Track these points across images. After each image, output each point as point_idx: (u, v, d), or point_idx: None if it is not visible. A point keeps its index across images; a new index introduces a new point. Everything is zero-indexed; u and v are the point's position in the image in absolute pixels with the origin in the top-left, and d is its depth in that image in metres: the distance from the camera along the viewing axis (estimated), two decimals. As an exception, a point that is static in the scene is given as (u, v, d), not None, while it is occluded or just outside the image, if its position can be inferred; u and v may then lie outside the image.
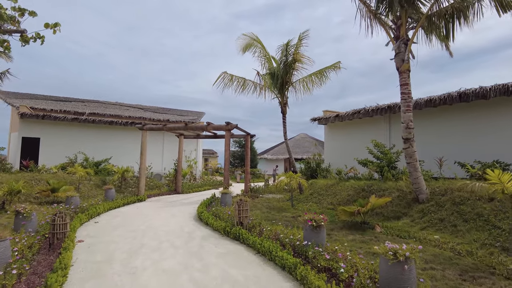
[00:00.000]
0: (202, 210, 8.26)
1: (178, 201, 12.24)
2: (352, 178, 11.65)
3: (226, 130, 11.96)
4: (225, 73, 12.31)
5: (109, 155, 17.93)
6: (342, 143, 16.14)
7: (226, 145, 11.99)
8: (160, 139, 20.77)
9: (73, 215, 7.72)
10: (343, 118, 15.36)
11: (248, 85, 12.63)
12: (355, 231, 7.19)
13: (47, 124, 17.77)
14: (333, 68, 11.88)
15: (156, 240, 6.11)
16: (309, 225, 5.12)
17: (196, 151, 22.01)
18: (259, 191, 15.54)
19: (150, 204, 11.31)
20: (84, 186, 14.40)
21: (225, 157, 12.01)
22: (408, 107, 8.50)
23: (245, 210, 6.31)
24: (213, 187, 19.46)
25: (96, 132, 18.97)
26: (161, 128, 12.75)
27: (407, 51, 8.62)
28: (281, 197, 13.67)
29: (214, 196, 11.76)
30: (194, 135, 16.72)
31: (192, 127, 12.51)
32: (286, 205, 11.09)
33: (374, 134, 14.48)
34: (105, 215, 8.71)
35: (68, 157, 16.73)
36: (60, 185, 10.78)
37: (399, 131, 14.19)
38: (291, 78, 12.29)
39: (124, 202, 10.79)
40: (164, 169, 20.57)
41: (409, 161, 8.45)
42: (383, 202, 7.64)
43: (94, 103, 25.96)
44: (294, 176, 10.11)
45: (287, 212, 9.60)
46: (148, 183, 17.34)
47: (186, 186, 17.13)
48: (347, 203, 9.78)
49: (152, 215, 8.82)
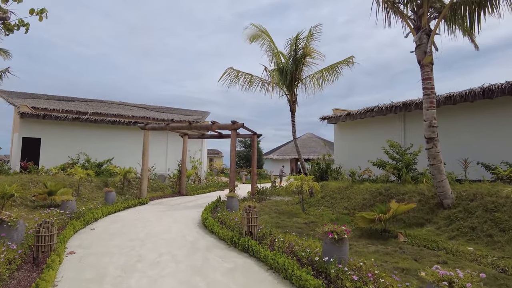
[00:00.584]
0: (206, 216, 7.62)
1: (181, 204, 11.63)
2: (367, 180, 10.93)
3: (232, 129, 11.32)
4: (231, 68, 11.66)
5: (111, 156, 17.40)
6: (353, 143, 15.40)
7: (232, 145, 11.35)
8: (163, 139, 20.20)
9: (67, 221, 7.14)
10: (354, 117, 14.62)
11: (255, 81, 11.97)
12: (376, 241, 6.49)
13: (48, 124, 17.30)
14: (346, 63, 11.16)
15: (156, 251, 5.48)
16: (329, 238, 4.44)
17: (201, 151, 21.41)
18: (266, 193, 14.88)
19: (152, 207, 10.72)
20: (84, 188, 13.87)
21: (231, 157, 11.37)
22: (431, 103, 7.77)
23: (255, 218, 5.65)
24: (219, 189, 18.84)
25: (99, 132, 18.46)
26: (164, 127, 12.16)
27: (430, 42, 7.88)
28: (290, 200, 12.99)
29: (219, 200, 11.12)
30: (198, 134, 16.11)
31: (196, 126, 11.89)
32: (296, 209, 10.41)
33: (387, 133, 13.73)
34: (103, 221, 8.11)
35: (70, 158, 16.23)
36: (57, 188, 10.23)
37: (415, 130, 13.47)
38: (301, 74, 11.60)
39: (125, 206, 10.20)
40: (168, 170, 20.00)
41: (432, 162, 7.72)
42: (407, 209, 6.93)
43: (97, 102, 25.52)
44: (305, 179, 9.43)
45: (298, 218, 8.92)
46: (151, 185, 16.78)
47: (191, 187, 16.53)
48: (363, 208, 9.07)
49: (153, 221, 8.20)
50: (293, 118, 11.98)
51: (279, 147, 43.62)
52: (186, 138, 15.47)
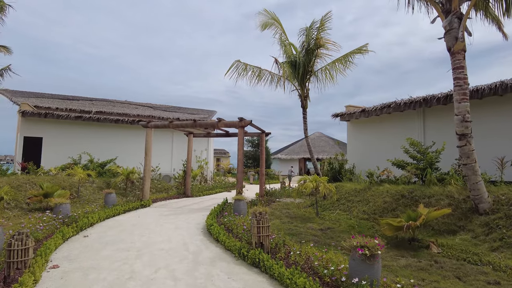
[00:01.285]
0: (211, 223, 6.85)
1: (186, 207, 10.91)
2: (386, 182, 10.05)
3: (239, 127, 10.56)
4: (239, 61, 10.90)
5: (115, 156, 16.81)
6: (368, 142, 14.50)
7: (239, 144, 10.59)
8: (169, 138, 19.57)
9: (59, 227, 6.46)
10: (369, 114, 13.72)
11: (264, 75, 11.18)
12: (405, 251, 5.65)
13: (49, 122, 16.79)
14: (360, 52, 10.27)
15: (152, 265, 4.74)
16: (359, 254, 3.64)
17: (207, 150, 20.72)
18: (275, 195, 14.09)
19: (154, 210, 10.02)
20: (86, 189, 13.27)
21: (238, 157, 10.61)
22: (464, 95, 6.88)
23: (266, 227, 4.87)
24: (225, 190, 18.11)
25: (102, 131, 17.90)
26: (167, 125, 11.47)
27: (462, 27, 6.99)
28: (301, 202, 12.17)
29: (226, 202, 10.37)
30: (204, 133, 15.40)
31: (201, 124, 11.17)
32: (309, 213, 9.60)
33: (405, 131, 12.82)
34: (98, 226, 7.43)
35: (72, 158, 15.68)
36: (54, 190, 9.61)
37: (436, 127, 12.50)
38: (313, 67, 10.77)
39: (125, 209, 9.52)
40: (173, 170, 19.36)
41: (465, 161, 6.83)
42: (439, 215, 6.07)
43: (101, 101, 25.04)
44: (321, 181, 8.61)
45: (313, 223, 8.10)
46: (155, 185, 16.13)
47: (196, 188, 15.83)
48: (384, 212, 8.21)
49: (153, 227, 7.48)
50: (304, 115, 11.16)
51: (286, 146, 42.77)
52: (191, 137, 14.78)
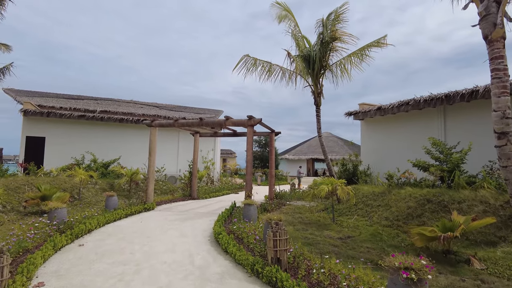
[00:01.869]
0: (220, 231, 6.19)
1: (191, 211, 10.28)
2: (407, 185, 9.28)
3: (248, 125, 9.90)
4: (247, 56, 10.23)
5: (119, 156, 16.30)
6: (384, 142, 13.71)
7: (249, 143, 9.92)
8: (174, 138, 19.01)
9: (52, 235, 5.87)
10: (385, 112, 12.93)
11: (275, 70, 10.49)
12: (441, 267, 4.91)
13: (52, 122, 16.36)
14: (378, 44, 9.51)
15: (152, 283, 4.09)
16: (404, 279, 2.93)
17: (213, 151, 20.10)
18: (285, 197, 13.39)
19: (157, 214, 9.41)
20: (88, 191, 12.74)
21: (247, 158, 9.94)
22: (504, 88, 6.10)
23: (284, 240, 4.18)
24: (233, 191, 17.46)
25: (106, 130, 17.41)
26: (173, 124, 10.86)
27: (501, 11, 6.22)
28: (313, 206, 11.46)
29: (234, 206, 9.71)
30: (211, 132, 14.77)
31: (208, 123, 10.53)
32: (323, 219, 8.88)
33: (424, 130, 12.03)
34: (97, 233, 6.82)
35: (74, 158, 15.20)
36: (52, 192, 9.07)
37: (458, 126, 11.66)
38: (328, 61, 10.04)
39: (127, 213, 8.93)
40: (179, 170, 18.79)
41: (505, 163, 6.05)
42: (482, 225, 5.31)
43: (106, 101, 24.63)
44: (338, 183, 7.90)
45: (330, 230, 7.39)
46: (160, 187, 15.57)
47: (203, 190, 15.22)
48: (409, 218, 7.46)
49: (156, 234, 6.85)
50: (318, 112, 10.44)
51: (294, 146, 41.97)
52: (197, 137, 14.16)
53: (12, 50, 18.78)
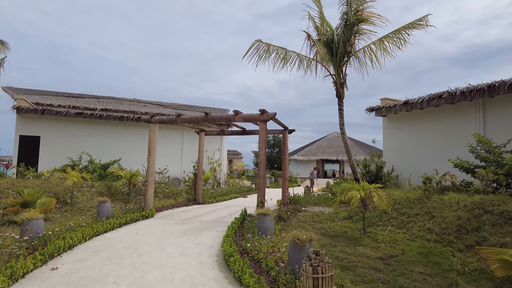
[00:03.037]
0: (230, 251, 4.87)
1: (196, 219, 9.01)
2: (449, 189, 7.88)
3: (261, 121, 8.61)
4: (259, 41, 8.95)
5: (119, 156, 15.14)
6: (410, 140, 12.29)
7: (261, 141, 8.62)
8: (178, 137, 17.79)
9: (20, 255, 4.63)
10: (412, 106, 11.54)
11: (291, 57, 9.19)
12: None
13: (48, 120, 15.26)
14: (418, 26, 8.11)
15: None
16: None
17: (220, 151, 18.83)
18: (300, 202, 12.04)
19: (157, 224, 8.15)
20: (82, 195, 11.56)
21: (260, 158, 8.64)
22: None
23: (329, 278, 2.86)
24: (241, 195, 16.17)
25: (105, 129, 16.27)
26: (175, 120, 9.61)
27: None
28: (333, 213, 10.12)
29: (245, 214, 8.40)
30: (217, 130, 13.51)
31: (215, 118, 9.26)
32: (351, 230, 7.53)
33: (459, 126, 10.64)
34: (80, 249, 5.58)
35: (70, 159, 14.06)
36: (35, 197, 7.87)
37: (500, 122, 10.25)
38: (354, 47, 8.71)
39: (121, 222, 7.68)
40: (183, 172, 17.56)
41: None
42: None
43: (108, 99, 23.53)
44: (372, 188, 6.55)
45: (364, 247, 6.04)
46: (163, 190, 14.35)
47: (208, 193, 13.96)
48: (462, 232, 6.07)
49: (151, 251, 5.58)
50: (340, 106, 9.10)
51: (303, 147, 40.55)
52: (202, 135, 12.91)
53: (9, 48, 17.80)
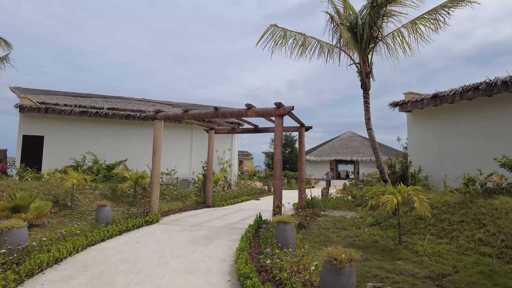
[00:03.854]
0: (247, 272, 3.92)
1: (205, 225, 8.14)
2: (498, 192, 6.79)
3: (277, 116, 7.68)
4: (275, 26, 8.02)
5: (126, 157, 14.44)
6: (440, 137, 11.15)
7: (277, 138, 7.69)
8: (187, 136, 17.00)
9: None
10: (442, 100, 10.42)
11: (310, 44, 8.23)
12: None
13: (52, 119, 14.69)
14: (458, 4, 7.02)
15: None
16: None
17: (230, 151, 17.97)
18: (318, 206, 11.05)
19: (161, 230, 7.30)
20: (85, 198, 10.85)
21: (276, 157, 7.71)
22: None
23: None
24: (253, 197, 15.26)
25: (112, 129, 15.62)
26: (182, 116, 8.77)
27: None
28: (356, 217, 9.13)
29: (260, 220, 7.48)
30: (228, 129, 12.65)
31: (225, 113, 8.38)
32: (382, 239, 6.53)
33: (500, 121, 9.48)
34: (69, 263, 4.75)
35: (74, 159, 13.42)
36: (28, 201, 7.12)
37: None
38: (381, 31, 7.70)
39: (121, 229, 6.86)
40: (193, 173, 16.77)
41: None
42: None
43: (116, 99, 23.01)
44: (410, 191, 5.54)
45: (404, 261, 5.04)
46: (171, 192, 13.57)
47: (219, 196, 13.09)
48: (525, 245, 5.00)
49: (152, 266, 4.71)
50: (366, 98, 8.09)
51: (315, 147, 39.41)
52: (212, 134, 12.05)
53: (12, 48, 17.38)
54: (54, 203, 9.65)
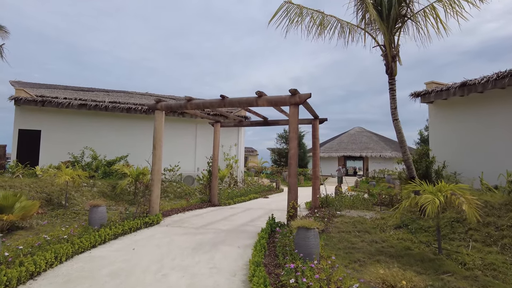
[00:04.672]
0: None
1: (211, 227, 7.30)
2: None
3: (292, 104, 6.79)
4: (289, 2, 7.10)
5: (127, 152, 13.67)
6: (468, 130, 10.18)
7: (292, 130, 6.80)
8: (191, 130, 16.18)
9: None
10: (471, 89, 9.45)
11: (330, 23, 7.31)
12: None
13: (49, 112, 13.95)
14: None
15: None
16: None
17: (237, 146, 17.10)
18: (333, 205, 10.16)
19: (162, 234, 6.49)
20: (82, 196, 10.10)
21: (291, 152, 6.82)
22: None
23: None
24: (261, 195, 14.41)
25: (112, 123, 14.84)
26: (184, 106, 7.90)
27: None
28: (377, 218, 8.25)
29: (272, 223, 6.61)
30: (235, 122, 11.79)
31: (233, 103, 7.49)
32: (414, 244, 5.64)
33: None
34: (45, 280, 3.94)
35: (72, 154, 12.67)
36: (12, 201, 6.34)
37: None
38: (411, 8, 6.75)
39: (116, 232, 6.06)
40: (197, 169, 15.96)
41: None
42: None
43: (118, 93, 22.25)
44: (455, 190, 4.64)
45: (450, 275, 4.14)
46: (174, 190, 12.78)
47: (225, 194, 12.26)
48: None
49: (147, 282, 3.89)
50: (392, 85, 7.14)
51: (323, 143, 38.35)
52: (218, 127, 11.20)
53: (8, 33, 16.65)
54: (47, 202, 8.91)
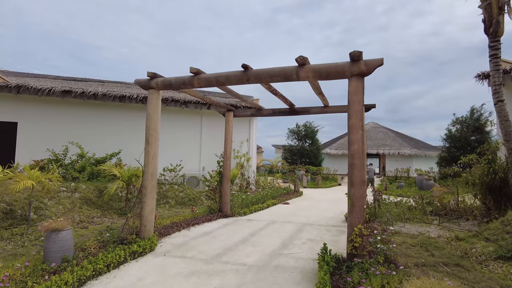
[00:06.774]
0: None
1: (228, 258, 5.00)
2: None
3: (354, 75, 4.49)
4: None
5: (119, 148, 11.43)
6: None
7: (353, 114, 4.52)
8: (196, 123, 13.85)
9: None
10: None
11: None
12: None
13: (28, 101, 11.69)
14: None
15: None
16: None
17: (248, 142, 14.78)
18: (383, 217, 7.83)
19: (155, 273, 4.19)
20: (57, 204, 7.84)
21: (354, 147, 4.54)
22: None
23: None
24: (279, 200, 12.07)
25: (103, 115, 12.57)
26: (190, 82, 5.58)
27: None
28: (447, 236, 5.96)
29: (330, 259, 4.29)
30: (252, 111, 9.48)
31: (260, 76, 5.13)
32: None
33: None
34: None
35: (52, 151, 10.41)
36: None
37: None
38: None
39: (82, 277, 3.78)
40: (203, 169, 13.67)
41: None
42: None
43: (114, 83, 19.95)
44: None
45: None
46: (175, 194, 10.50)
47: (239, 200, 9.96)
48: None
49: None
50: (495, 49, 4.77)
51: (335, 139, 35.89)
52: (231, 117, 8.87)
53: None
54: (5, 215, 6.66)
